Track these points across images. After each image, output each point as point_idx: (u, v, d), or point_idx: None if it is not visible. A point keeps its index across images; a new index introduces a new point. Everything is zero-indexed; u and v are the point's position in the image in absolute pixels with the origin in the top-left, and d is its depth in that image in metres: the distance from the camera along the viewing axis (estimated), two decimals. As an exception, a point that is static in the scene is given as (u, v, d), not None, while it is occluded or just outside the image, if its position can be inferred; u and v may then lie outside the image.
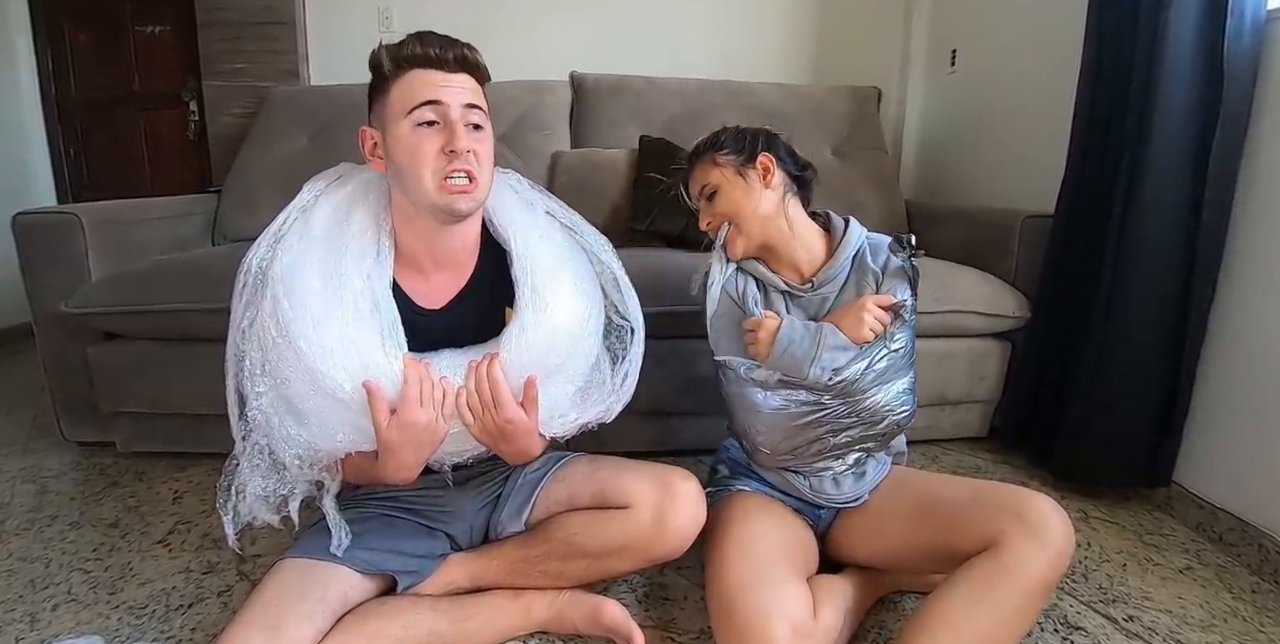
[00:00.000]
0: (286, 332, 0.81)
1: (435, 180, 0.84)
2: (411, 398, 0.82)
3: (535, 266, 0.90)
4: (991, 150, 2.08)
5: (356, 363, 0.81)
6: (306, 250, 0.86)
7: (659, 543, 0.94)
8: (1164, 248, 1.31)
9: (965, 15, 2.26)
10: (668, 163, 1.79)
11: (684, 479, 0.96)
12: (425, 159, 0.83)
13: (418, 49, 0.84)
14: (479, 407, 0.85)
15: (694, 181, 1.09)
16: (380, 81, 0.86)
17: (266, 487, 0.85)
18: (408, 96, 0.84)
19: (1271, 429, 1.24)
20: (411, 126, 0.84)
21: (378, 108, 0.88)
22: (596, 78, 2.17)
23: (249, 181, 2.01)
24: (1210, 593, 1.18)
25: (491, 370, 0.85)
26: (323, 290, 0.83)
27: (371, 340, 0.83)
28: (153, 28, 2.79)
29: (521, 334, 0.87)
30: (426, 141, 0.83)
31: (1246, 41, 1.22)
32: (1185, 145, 1.28)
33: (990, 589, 0.82)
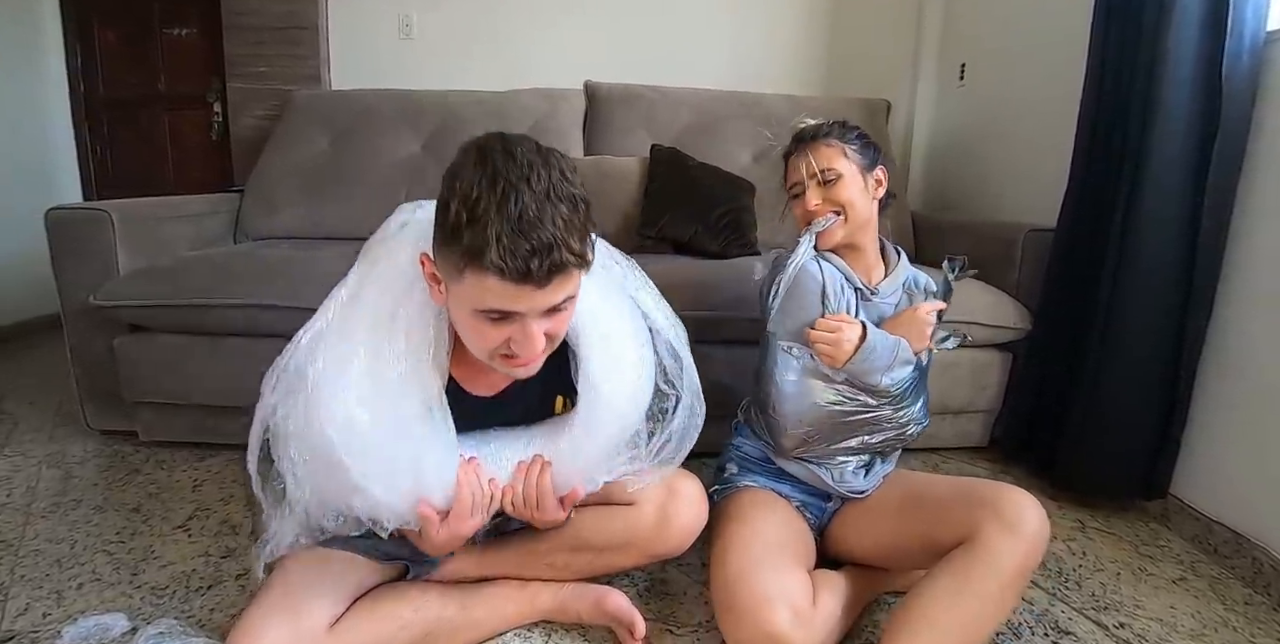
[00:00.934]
0: (329, 447, 0.76)
1: (487, 356, 0.78)
2: (464, 510, 0.82)
3: (597, 375, 0.86)
4: (998, 163, 2.11)
5: (407, 483, 0.79)
6: (349, 356, 0.78)
7: (661, 540, 0.98)
8: (1162, 262, 1.34)
9: (974, 30, 2.29)
10: (679, 172, 1.84)
11: (687, 479, 1.00)
12: (486, 342, 0.76)
13: (517, 267, 0.67)
14: (523, 505, 0.87)
15: (817, 160, 1.07)
16: (457, 248, 0.69)
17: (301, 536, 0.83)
18: (478, 296, 0.70)
19: (1268, 443, 1.26)
20: (476, 314, 0.73)
21: (443, 255, 0.72)
22: (610, 87, 2.21)
23: (270, 182, 2.07)
24: (1202, 603, 1.19)
25: (541, 480, 0.86)
26: (372, 398, 0.77)
27: (424, 458, 0.80)
28: (179, 30, 2.87)
29: (574, 442, 0.87)
30: (491, 330, 0.74)
31: (1245, 61, 1.25)
32: (1184, 162, 1.30)
33: (968, 580, 0.85)
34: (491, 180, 0.67)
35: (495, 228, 0.66)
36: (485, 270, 0.68)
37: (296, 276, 1.50)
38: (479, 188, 0.67)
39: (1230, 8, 1.22)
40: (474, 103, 2.14)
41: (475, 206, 0.67)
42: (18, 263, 2.58)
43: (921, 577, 0.92)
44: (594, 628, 1.04)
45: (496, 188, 0.67)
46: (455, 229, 0.68)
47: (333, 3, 2.58)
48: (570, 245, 0.69)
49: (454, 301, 0.75)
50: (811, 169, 1.06)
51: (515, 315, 0.72)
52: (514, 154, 0.69)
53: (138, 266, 1.57)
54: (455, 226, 0.68)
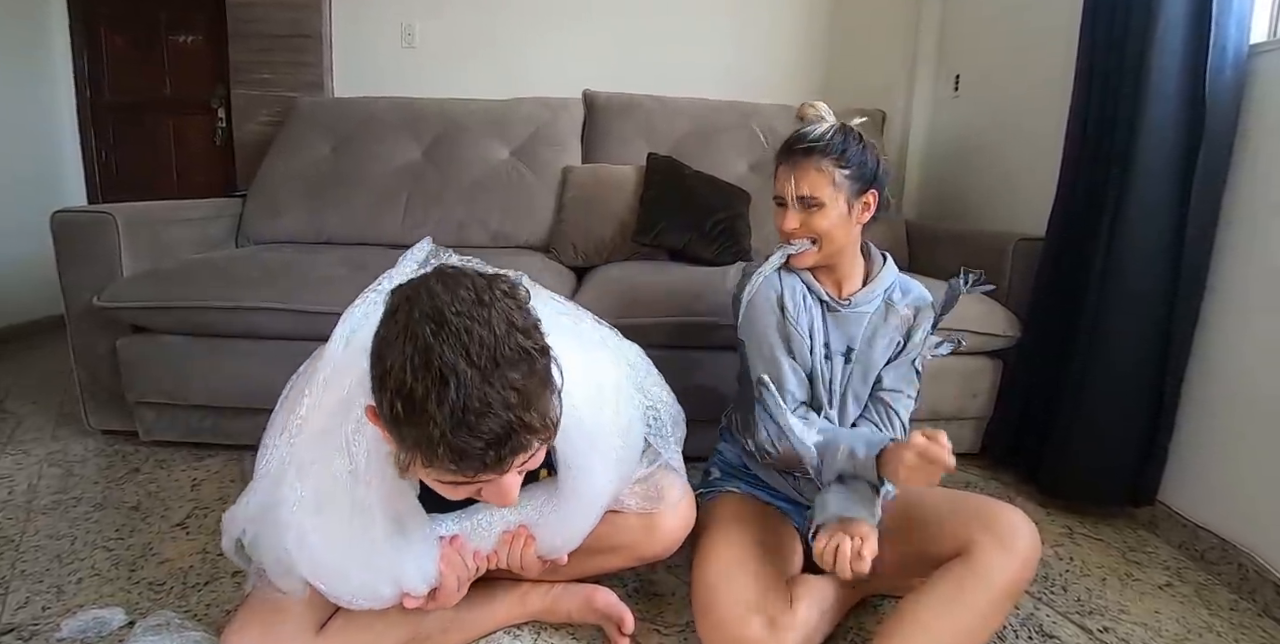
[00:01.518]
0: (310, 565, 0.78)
1: (454, 499, 0.75)
2: (449, 591, 0.84)
3: (576, 443, 0.83)
4: (992, 173, 2.13)
5: (389, 590, 0.81)
6: (318, 498, 0.76)
7: (649, 544, 0.99)
8: (1149, 271, 1.36)
9: (969, 42, 2.33)
10: (674, 179, 1.87)
11: (674, 484, 1.01)
12: (455, 494, 0.73)
13: (458, 463, 0.63)
14: (507, 567, 0.90)
15: (800, 181, 0.99)
16: (406, 442, 0.64)
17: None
18: (436, 477, 0.68)
19: (1253, 450, 1.27)
20: (437, 483, 0.71)
21: (386, 427, 0.66)
22: (608, 96, 2.24)
23: (272, 187, 2.09)
24: (1188, 609, 1.20)
25: (526, 552, 0.88)
26: (335, 530, 0.77)
27: (402, 567, 0.81)
28: (185, 36, 2.91)
29: (556, 513, 0.89)
30: (458, 491, 0.71)
31: (1229, 74, 1.27)
32: (1169, 173, 1.32)
33: (961, 593, 0.87)
34: (425, 363, 0.60)
35: (439, 428, 0.60)
36: (437, 466, 0.64)
37: (296, 280, 1.53)
38: (411, 376, 0.60)
39: (1213, 23, 1.25)
40: (474, 111, 2.17)
41: (410, 400, 0.60)
42: (23, 265, 2.60)
43: (916, 584, 0.93)
44: (582, 627, 1.06)
45: (430, 372, 0.59)
46: (395, 421, 0.62)
47: (336, 11, 2.62)
48: (529, 424, 0.62)
49: (415, 471, 0.69)
50: (795, 192, 1.00)
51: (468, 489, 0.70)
52: (444, 319, 0.60)
53: (141, 269, 1.59)
54: (394, 419, 0.62)
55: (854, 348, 1.06)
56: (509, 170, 2.06)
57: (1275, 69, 1.26)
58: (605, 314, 1.49)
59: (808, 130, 1.01)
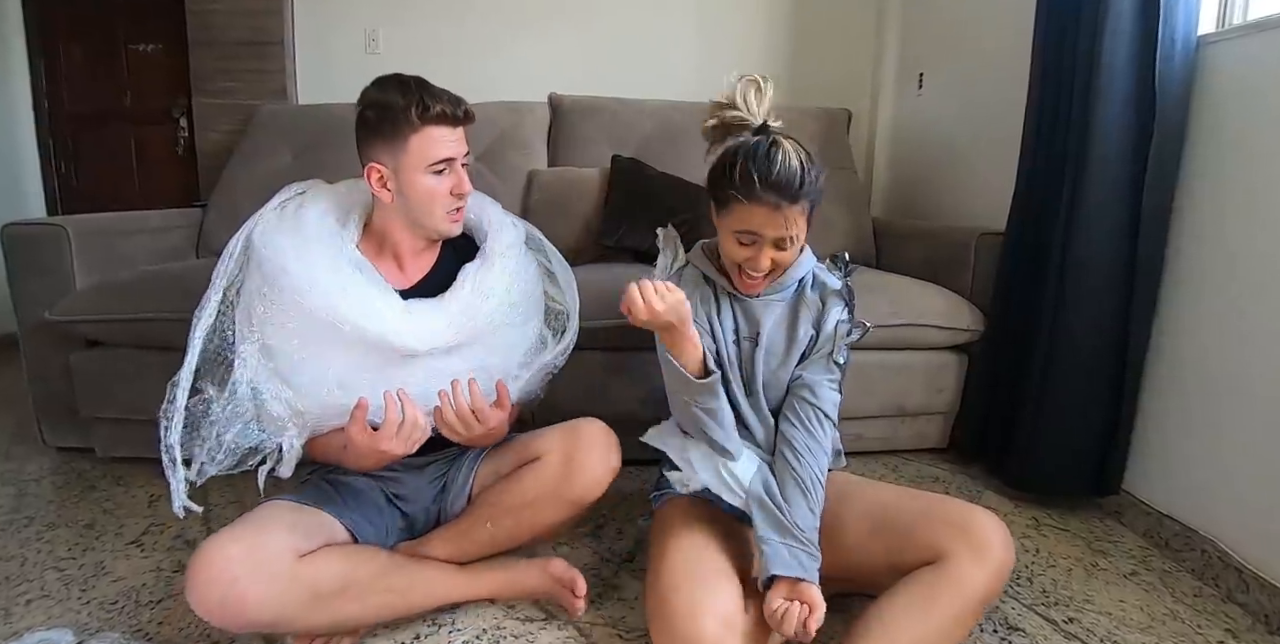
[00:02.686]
0: (277, 280, 0.96)
1: (444, 214, 1.05)
2: (388, 433, 0.91)
3: (493, 249, 1.11)
4: (956, 170, 2.15)
5: (356, 302, 0.96)
6: (283, 229, 1.03)
7: (569, 484, 1.01)
8: (1106, 262, 1.37)
9: (931, 40, 2.35)
10: (639, 182, 1.86)
11: (589, 423, 1.06)
12: (440, 200, 1.04)
13: (444, 109, 0.99)
14: (459, 423, 0.95)
15: (789, 225, 0.95)
16: (395, 127, 0.99)
17: (244, 435, 0.96)
18: (429, 152, 1.00)
19: (1214, 437, 1.29)
20: (430, 175, 1.01)
21: (387, 148, 1.00)
22: (573, 99, 2.24)
23: (234, 197, 2.06)
24: (1152, 596, 1.22)
25: (472, 388, 0.96)
26: (305, 249, 1.00)
27: (364, 285, 0.99)
28: (145, 46, 2.86)
29: (482, 353, 1.07)
30: (440, 186, 1.03)
31: (1178, 66, 1.29)
32: (1122, 165, 1.34)
33: (933, 600, 0.87)
34: (379, 83, 1.03)
35: (426, 96, 0.98)
36: (427, 124, 0.98)
37: (255, 289, 1.50)
38: (375, 89, 1.02)
39: (1162, 14, 1.27)
40: (439, 115, 2.16)
41: (411, 97, 0.98)
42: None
43: (883, 582, 0.93)
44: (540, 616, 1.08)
45: (386, 81, 1.02)
46: (397, 114, 0.98)
47: (299, 18, 2.59)
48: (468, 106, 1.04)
49: (407, 183, 1.01)
50: (771, 233, 0.95)
51: (451, 168, 1.03)
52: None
53: (95, 281, 1.56)
54: (397, 113, 0.98)
55: (761, 332, 1.07)
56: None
57: (1223, 60, 1.28)
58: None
59: (783, 162, 0.93)
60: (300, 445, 0.97)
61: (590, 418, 1.08)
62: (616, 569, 1.23)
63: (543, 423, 1.49)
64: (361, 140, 1.03)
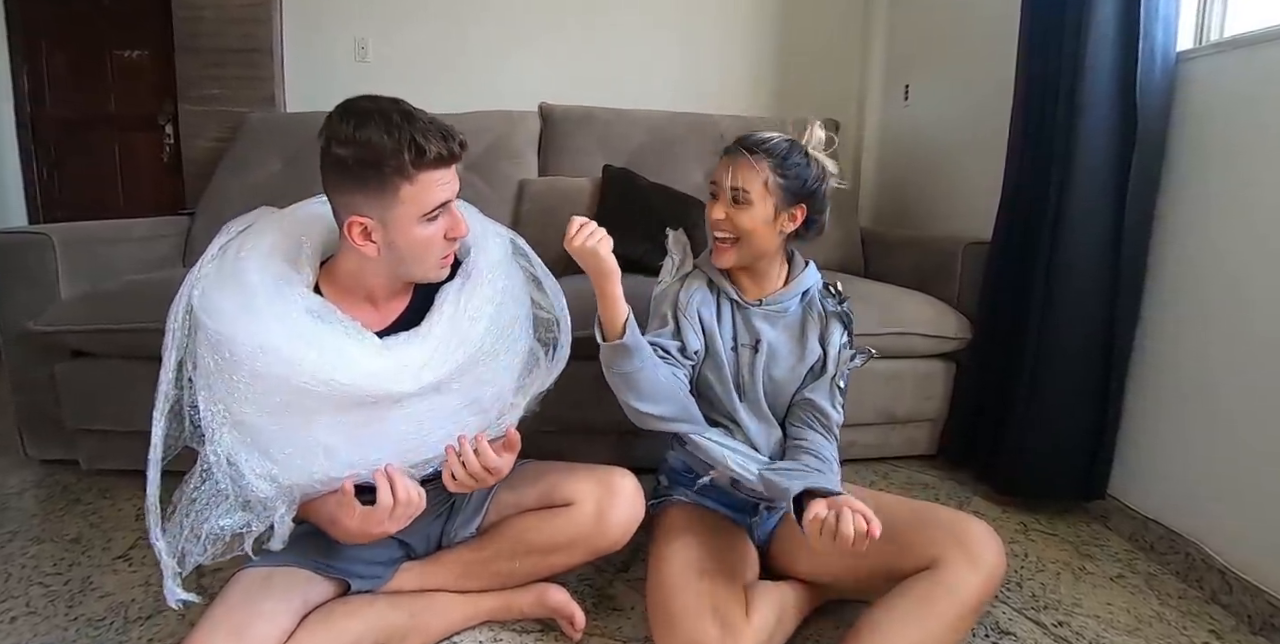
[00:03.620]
0: (228, 351, 0.83)
1: (436, 260, 0.94)
2: (381, 516, 0.85)
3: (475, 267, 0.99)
4: (943, 180, 2.18)
5: (323, 355, 0.84)
6: (223, 287, 0.89)
7: (601, 536, 1.00)
8: (1090, 270, 1.40)
9: (917, 52, 2.38)
10: (630, 192, 1.87)
11: (622, 477, 1.03)
12: (435, 248, 0.92)
13: (439, 151, 0.84)
14: (469, 480, 0.90)
15: (736, 172, 1.04)
16: (383, 177, 0.84)
17: (228, 520, 0.87)
18: (425, 202, 0.86)
19: (1196, 441, 1.31)
20: (424, 223, 0.88)
21: (374, 200, 0.85)
22: (565, 108, 2.25)
23: (222, 205, 2.05)
24: (1138, 599, 1.24)
25: (480, 445, 0.89)
26: (251, 308, 0.86)
27: (329, 334, 0.86)
28: (131, 51, 2.84)
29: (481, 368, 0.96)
30: (436, 233, 0.91)
31: (1158, 80, 1.32)
32: (1106, 176, 1.37)
33: (928, 606, 0.88)
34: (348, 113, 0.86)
35: (419, 137, 0.83)
36: (421, 170, 0.84)
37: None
38: (349, 126, 0.84)
39: (1142, 31, 1.30)
40: (429, 124, 2.16)
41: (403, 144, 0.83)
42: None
43: (877, 589, 0.94)
44: (536, 628, 1.07)
45: (356, 112, 0.85)
46: (388, 162, 0.83)
47: (288, 26, 2.58)
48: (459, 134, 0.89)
49: (401, 234, 0.88)
50: (729, 182, 1.04)
51: (446, 210, 0.90)
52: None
53: (81, 291, 1.54)
54: (388, 161, 0.83)
55: (761, 340, 1.09)
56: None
57: (1201, 74, 1.31)
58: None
59: (760, 133, 1.06)
60: (291, 519, 0.89)
61: (622, 470, 1.05)
62: (611, 579, 1.23)
63: (530, 436, 1.50)
64: (337, 187, 0.87)
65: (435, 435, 0.92)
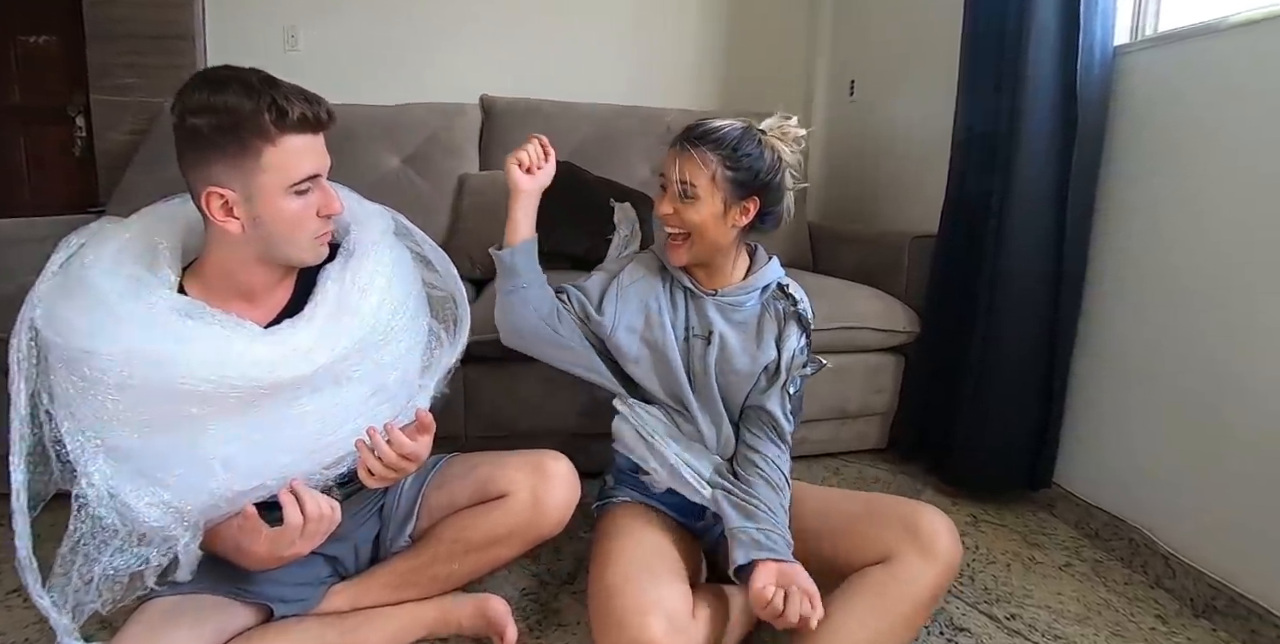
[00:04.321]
0: (86, 367, 0.74)
1: (310, 240, 0.87)
2: (289, 537, 0.79)
3: (358, 242, 0.94)
4: (890, 174, 2.19)
5: (197, 351, 0.76)
6: (69, 301, 0.79)
7: (539, 523, 0.97)
8: (1034, 263, 1.41)
9: (862, 47, 2.39)
10: (574, 186, 1.81)
11: (555, 460, 0.99)
12: (306, 225, 0.85)
13: (304, 112, 0.79)
14: (387, 471, 0.85)
15: (684, 167, 0.99)
16: (243, 141, 0.77)
17: (122, 560, 0.78)
18: (290, 168, 0.80)
19: (1135, 429, 1.34)
20: (293, 197, 0.82)
21: (233, 167, 0.78)
22: (507, 101, 2.17)
23: (137, 201, 1.88)
24: (1086, 587, 1.25)
25: (395, 437, 0.84)
26: (104, 316, 0.77)
27: (201, 327, 0.78)
28: (37, 37, 2.64)
29: (368, 344, 0.89)
30: (306, 208, 0.84)
31: (1097, 74, 1.34)
32: (1048, 170, 1.38)
33: (882, 600, 0.86)
34: (205, 82, 0.79)
35: (280, 97, 0.77)
36: (284, 133, 0.78)
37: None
38: (205, 92, 0.78)
39: (1081, 25, 1.31)
40: (360, 117, 2.05)
41: (263, 102, 0.77)
42: None
43: (831, 590, 0.91)
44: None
45: (215, 79, 0.79)
46: (248, 123, 0.77)
47: (211, 12, 2.43)
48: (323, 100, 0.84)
49: (267, 208, 0.81)
50: (676, 176, 1.00)
51: (317, 185, 0.84)
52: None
53: (-29, 296, 1.40)
54: (247, 121, 0.76)
55: (714, 331, 1.06)
56: (400, 179, 1.96)
57: (1138, 69, 1.34)
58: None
59: (710, 120, 1.01)
60: (196, 546, 0.80)
61: (553, 452, 1.01)
62: (556, 592, 1.18)
63: (476, 440, 1.44)
64: (193, 161, 0.79)
65: (344, 430, 0.86)
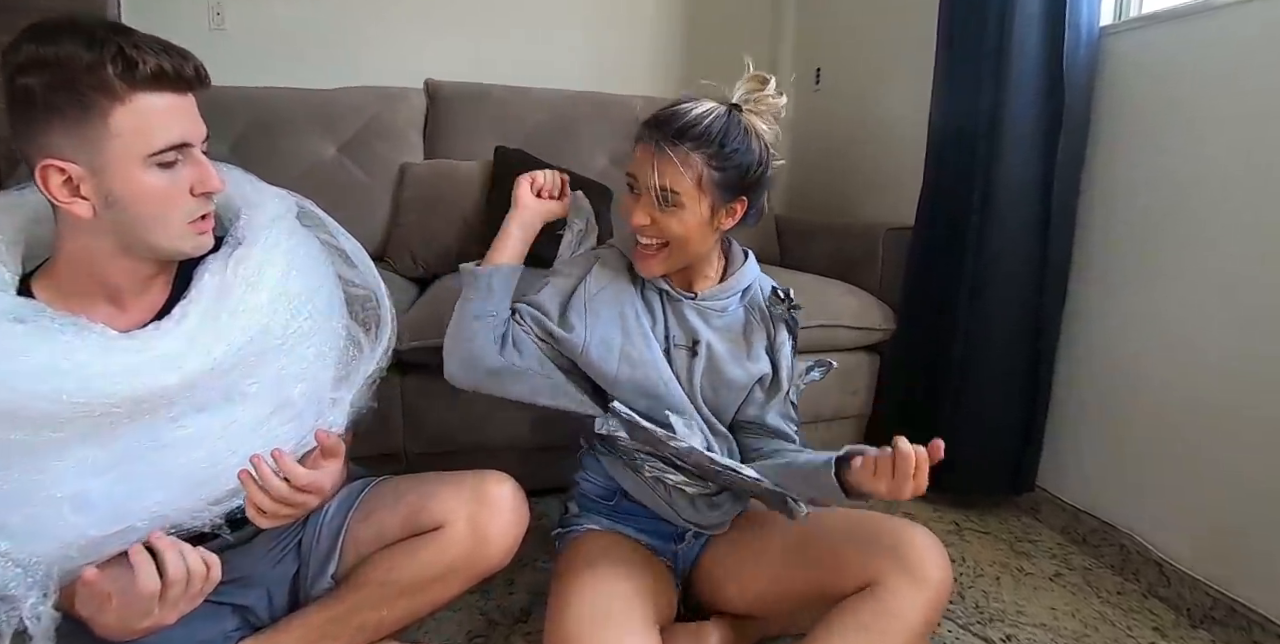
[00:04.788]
0: None
1: (183, 225, 0.71)
2: (145, 607, 0.65)
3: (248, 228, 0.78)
4: (859, 165, 2.11)
5: (39, 362, 0.63)
6: None
7: (481, 558, 0.83)
8: (1020, 255, 1.34)
9: (829, 34, 2.31)
10: (526, 173, 1.67)
11: (497, 483, 0.85)
12: (177, 205, 0.70)
13: (163, 65, 0.64)
14: (291, 509, 0.72)
15: (663, 172, 0.82)
16: (84, 100, 0.63)
17: None
18: (148, 133, 0.65)
19: (1122, 430, 1.28)
20: (154, 170, 0.67)
21: (73, 134, 0.64)
22: (454, 85, 2.02)
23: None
24: (1080, 599, 1.19)
25: (286, 467, 0.70)
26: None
27: (44, 335, 0.64)
28: (-71, 18, 2.39)
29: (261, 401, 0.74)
30: (174, 184, 0.69)
31: (1083, 56, 1.27)
32: (1033, 156, 1.31)
33: (869, 633, 0.77)
34: (36, 35, 0.63)
35: (127, 45, 0.63)
36: (135, 90, 0.64)
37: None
38: (35, 44, 0.63)
39: (1068, 5, 1.24)
40: (292, 101, 1.88)
41: (95, 49, 0.63)
42: None
43: (810, 624, 0.81)
44: None
45: (45, 29, 0.63)
46: (85, 78, 0.62)
47: (127, -12, 2.22)
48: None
49: (122, 184, 0.66)
50: (654, 182, 0.83)
51: (188, 156, 0.69)
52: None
53: None
54: (84, 76, 0.62)
55: (700, 342, 0.93)
56: (335, 168, 1.79)
57: (1122, 50, 1.28)
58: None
59: (686, 108, 0.85)
60: (52, 607, 0.66)
61: (496, 473, 0.87)
62: (508, 633, 1.05)
63: (418, 458, 1.30)
64: (25, 129, 0.65)
65: (238, 458, 0.71)
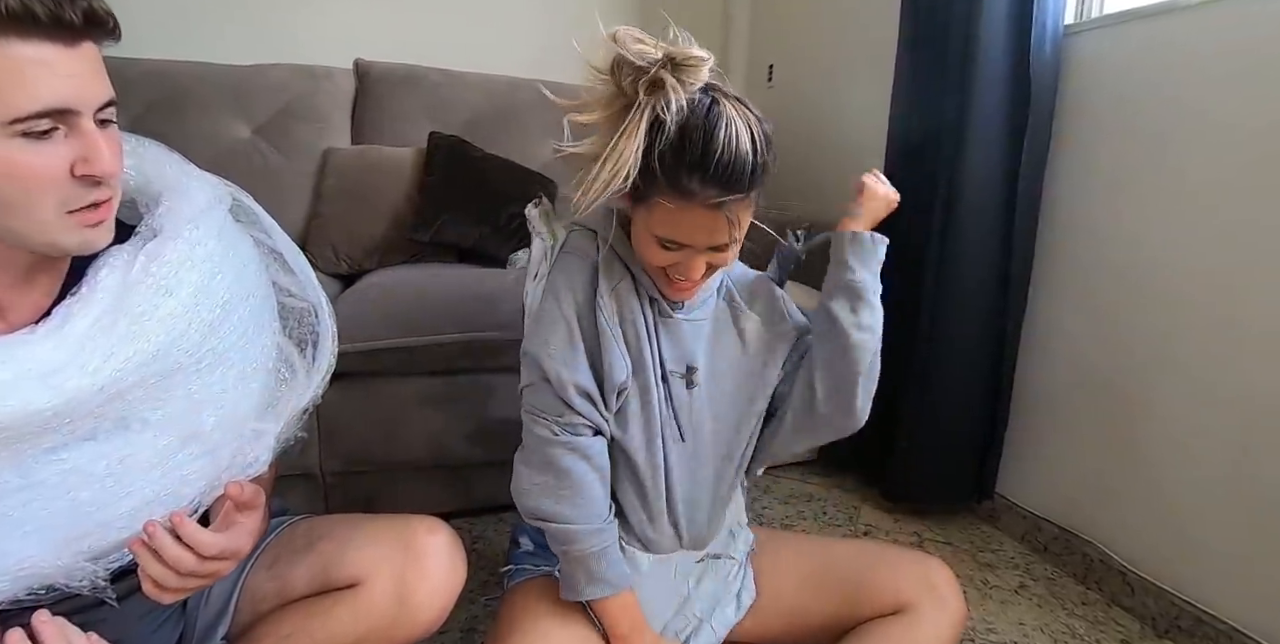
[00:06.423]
0: None
1: (60, 213, 0.54)
2: None
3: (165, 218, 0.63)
4: (814, 163, 2.06)
5: None
6: None
7: (405, 623, 0.70)
8: (982, 259, 1.30)
9: (781, 30, 2.26)
10: (461, 165, 1.54)
11: (429, 532, 0.73)
12: (45, 186, 0.53)
13: (34, 8, 0.49)
14: (186, 581, 0.58)
15: (735, 226, 0.68)
16: None
17: None
18: (8, 95, 0.50)
19: (1080, 437, 1.27)
20: (22, 141, 0.51)
21: None
22: (386, 66, 1.87)
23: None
24: (1046, 612, 1.17)
25: (186, 531, 0.57)
26: None
27: None
28: None
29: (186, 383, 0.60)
30: (48, 162, 0.52)
31: (1048, 54, 1.24)
32: (997, 156, 1.27)
33: None
34: None
35: None
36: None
37: None
38: None
39: (1034, 5, 1.21)
40: (203, 77, 1.69)
41: None
42: None
43: None
44: None
45: None
46: None
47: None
48: None
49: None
50: (712, 242, 0.69)
51: (70, 126, 0.53)
52: None
53: None
54: None
55: (695, 367, 0.80)
56: (250, 152, 1.61)
57: (1084, 50, 1.26)
58: (374, 334, 1.15)
59: (721, 142, 0.65)
60: None
61: (428, 520, 0.74)
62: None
63: (336, 478, 1.15)
64: None
65: (133, 501, 0.57)
